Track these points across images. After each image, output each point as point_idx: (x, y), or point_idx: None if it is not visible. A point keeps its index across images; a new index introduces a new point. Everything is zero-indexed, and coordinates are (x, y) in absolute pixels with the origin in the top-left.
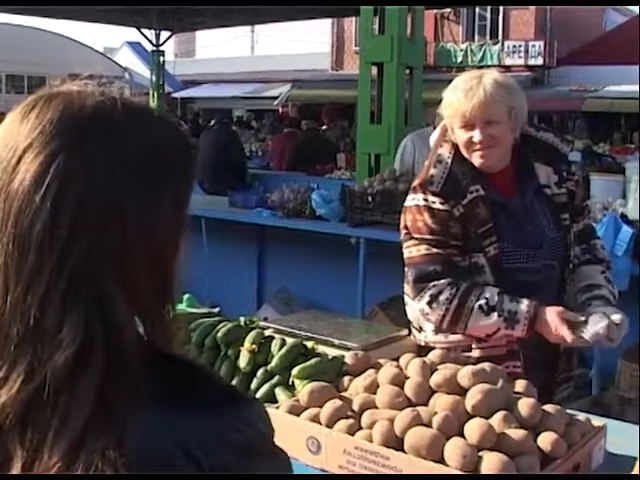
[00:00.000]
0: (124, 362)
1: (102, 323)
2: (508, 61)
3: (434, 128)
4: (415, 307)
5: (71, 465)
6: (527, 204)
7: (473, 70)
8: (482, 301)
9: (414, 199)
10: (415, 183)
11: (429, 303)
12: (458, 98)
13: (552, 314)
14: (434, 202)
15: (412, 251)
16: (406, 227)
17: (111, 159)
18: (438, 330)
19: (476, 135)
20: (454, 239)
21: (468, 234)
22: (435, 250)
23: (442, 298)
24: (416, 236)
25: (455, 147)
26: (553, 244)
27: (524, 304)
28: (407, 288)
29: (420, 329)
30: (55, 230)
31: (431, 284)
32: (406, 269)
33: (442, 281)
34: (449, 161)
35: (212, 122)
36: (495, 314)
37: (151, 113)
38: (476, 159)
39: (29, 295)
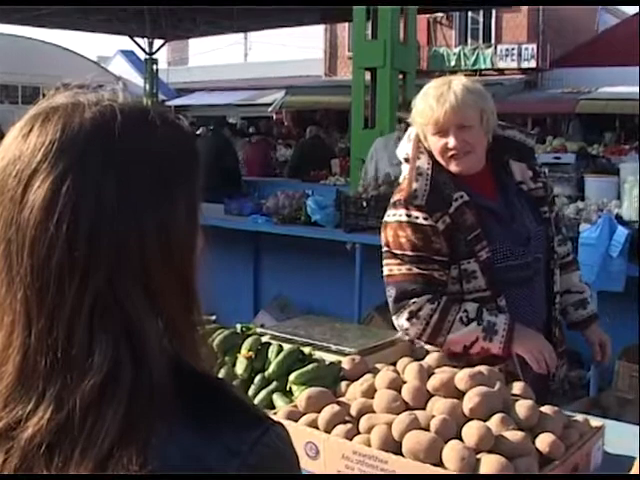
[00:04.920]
0: (152, 384)
1: (130, 347)
2: (501, 64)
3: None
4: (395, 323)
5: None
6: (509, 203)
7: (440, 77)
8: (462, 314)
9: (395, 214)
10: (395, 198)
11: (409, 319)
12: (430, 105)
13: (539, 339)
14: (417, 217)
15: (393, 269)
16: (387, 244)
17: (118, 174)
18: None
19: (451, 141)
20: (437, 254)
21: (457, 243)
22: (416, 269)
23: (422, 313)
24: (397, 253)
25: (432, 157)
26: (537, 238)
27: (502, 317)
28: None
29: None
30: (73, 256)
31: (411, 301)
32: (386, 286)
33: (422, 297)
34: (429, 172)
35: (206, 129)
36: (474, 323)
37: (150, 115)
38: (452, 166)
39: (54, 326)
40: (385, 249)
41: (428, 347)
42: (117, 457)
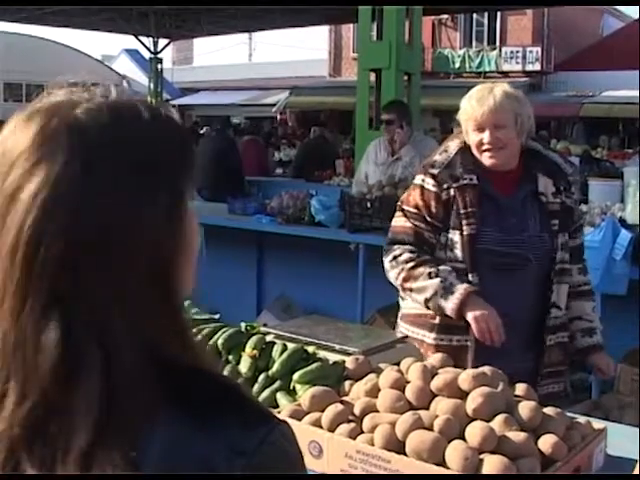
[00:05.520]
0: (126, 375)
1: (97, 337)
2: (506, 67)
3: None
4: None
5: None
6: (519, 203)
7: (487, 83)
8: (433, 269)
9: (416, 178)
10: (422, 164)
11: (390, 261)
12: (472, 105)
13: (492, 312)
14: (428, 183)
15: (396, 220)
16: (402, 200)
17: (88, 162)
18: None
19: (485, 137)
20: (432, 218)
21: (451, 214)
22: (410, 224)
23: (401, 259)
24: (404, 207)
25: (463, 143)
26: (533, 240)
27: (465, 284)
28: None
29: (403, 299)
30: (48, 239)
31: (397, 246)
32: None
33: (407, 246)
34: (453, 152)
35: (211, 129)
36: (439, 279)
37: (138, 110)
38: (485, 158)
39: (24, 312)
40: (398, 204)
41: (408, 310)
42: (100, 452)
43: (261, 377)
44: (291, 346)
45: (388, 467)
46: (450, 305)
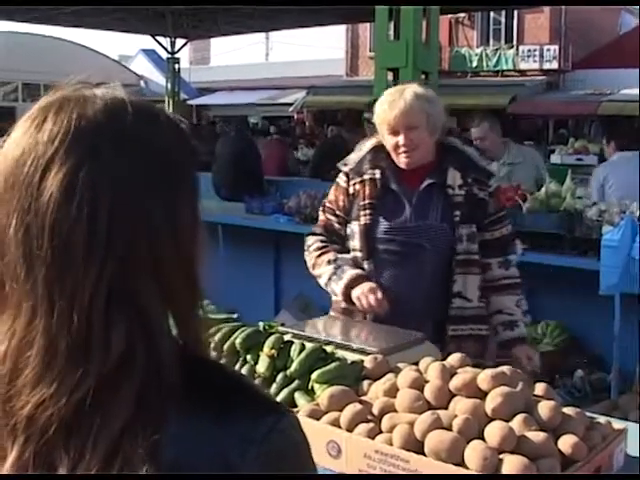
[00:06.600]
0: (162, 367)
1: (143, 330)
2: (523, 65)
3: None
4: None
5: (108, 468)
6: (421, 194)
7: (398, 86)
8: (333, 257)
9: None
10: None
11: (305, 250)
12: (384, 109)
13: (368, 286)
14: (341, 179)
15: (319, 214)
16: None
17: (129, 161)
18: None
19: (400, 140)
20: (340, 210)
21: (355, 206)
22: (324, 217)
23: (312, 248)
24: (324, 202)
25: (378, 142)
26: (431, 230)
27: (356, 271)
28: None
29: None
30: (94, 238)
31: (311, 237)
32: None
33: (318, 237)
34: (366, 150)
35: (229, 129)
36: (332, 266)
37: (158, 113)
38: (401, 159)
39: (74, 309)
40: None
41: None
42: (128, 440)
43: (279, 377)
44: (309, 346)
45: (407, 467)
46: (338, 289)
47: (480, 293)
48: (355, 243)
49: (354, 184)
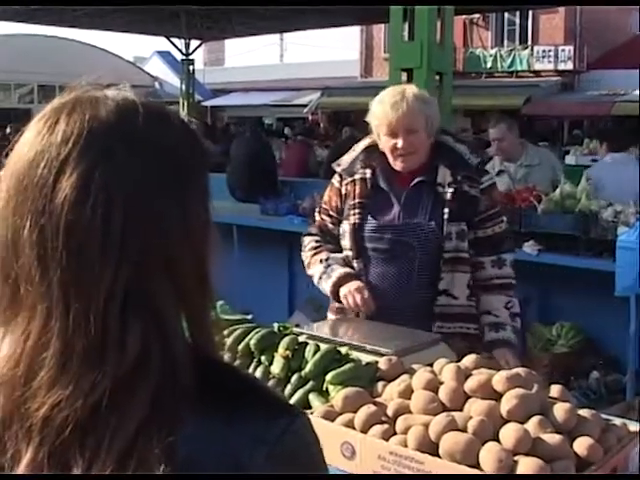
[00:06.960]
0: (177, 368)
1: (158, 331)
2: (538, 66)
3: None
4: None
5: (122, 468)
6: (410, 193)
7: (395, 86)
8: (325, 256)
9: None
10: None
11: (302, 250)
12: (385, 110)
13: (355, 285)
14: (335, 179)
15: (315, 215)
16: None
17: (142, 164)
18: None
19: (400, 142)
20: (333, 210)
21: (346, 206)
22: (319, 217)
23: (307, 248)
24: (320, 203)
25: (372, 142)
26: (418, 228)
27: (346, 270)
28: None
29: None
30: (109, 238)
31: (307, 237)
32: None
33: (313, 237)
34: (359, 151)
35: (244, 130)
36: (323, 265)
37: (168, 114)
38: (398, 163)
39: (90, 310)
40: None
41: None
42: (143, 441)
43: (294, 378)
44: (324, 347)
45: (421, 468)
46: (327, 287)
47: (469, 291)
48: (346, 242)
49: (346, 184)
